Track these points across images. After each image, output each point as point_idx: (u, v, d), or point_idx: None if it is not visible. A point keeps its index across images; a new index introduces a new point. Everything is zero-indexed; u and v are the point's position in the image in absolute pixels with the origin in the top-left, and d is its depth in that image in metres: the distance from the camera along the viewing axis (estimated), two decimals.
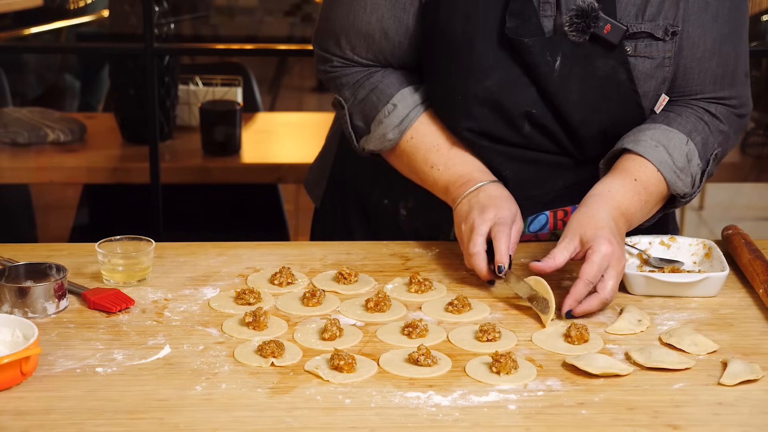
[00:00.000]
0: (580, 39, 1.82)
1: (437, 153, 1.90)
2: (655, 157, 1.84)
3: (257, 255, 1.95)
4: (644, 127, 1.88)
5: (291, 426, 1.42)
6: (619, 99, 1.87)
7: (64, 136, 3.53)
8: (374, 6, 1.89)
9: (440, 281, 1.85)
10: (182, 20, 3.98)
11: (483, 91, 1.85)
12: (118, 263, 1.81)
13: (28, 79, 4.35)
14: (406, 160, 1.93)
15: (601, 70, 1.85)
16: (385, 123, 1.91)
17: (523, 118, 1.88)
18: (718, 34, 1.90)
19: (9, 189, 3.77)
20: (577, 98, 1.86)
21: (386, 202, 2.06)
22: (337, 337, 1.64)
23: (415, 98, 1.92)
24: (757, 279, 1.82)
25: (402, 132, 1.91)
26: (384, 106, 1.91)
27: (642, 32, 1.84)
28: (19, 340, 1.55)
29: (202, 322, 1.70)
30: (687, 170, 1.87)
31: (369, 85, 1.93)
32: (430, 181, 1.92)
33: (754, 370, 1.55)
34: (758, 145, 3.60)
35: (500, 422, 1.43)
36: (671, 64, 1.87)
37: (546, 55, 1.83)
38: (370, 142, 1.94)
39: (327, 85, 2.01)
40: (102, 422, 1.42)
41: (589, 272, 1.70)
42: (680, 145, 1.86)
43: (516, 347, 1.64)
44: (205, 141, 3.51)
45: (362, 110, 1.94)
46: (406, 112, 1.91)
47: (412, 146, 1.92)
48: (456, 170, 1.89)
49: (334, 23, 1.93)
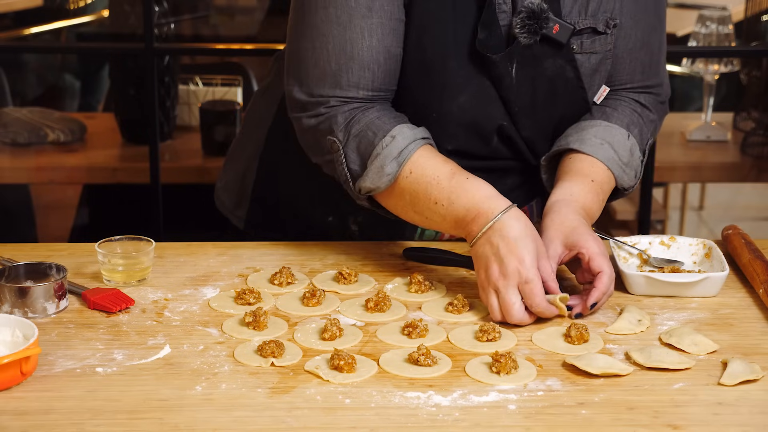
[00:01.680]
0: (531, 40, 1.82)
1: (438, 187, 1.76)
2: (603, 156, 1.88)
3: (257, 255, 1.95)
4: (585, 125, 1.91)
5: (291, 426, 1.42)
6: (567, 97, 1.90)
7: (64, 136, 3.53)
8: (371, 28, 1.79)
9: (440, 281, 1.85)
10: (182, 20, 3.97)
11: (457, 108, 1.85)
12: (118, 263, 1.81)
13: (28, 79, 4.35)
14: (408, 198, 1.79)
15: (549, 71, 1.86)
16: (382, 155, 1.77)
17: (494, 132, 1.89)
18: (647, 25, 1.94)
19: (9, 189, 3.77)
20: (529, 100, 1.87)
21: (331, 219, 2.01)
22: (337, 337, 1.64)
23: (415, 132, 1.80)
24: (757, 279, 1.82)
25: (400, 164, 1.77)
26: (381, 138, 1.78)
27: (586, 28, 1.86)
28: (19, 340, 1.55)
29: (202, 322, 1.70)
30: (631, 164, 1.91)
31: (364, 120, 1.80)
32: (437, 220, 1.79)
33: (754, 370, 1.55)
34: (758, 145, 3.60)
35: (500, 422, 1.43)
36: (611, 56, 1.91)
37: (507, 65, 1.84)
38: (367, 180, 1.79)
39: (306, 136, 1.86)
40: (102, 422, 1.42)
41: (604, 281, 1.71)
42: (623, 140, 1.90)
43: (516, 347, 1.64)
44: (205, 141, 3.51)
45: (357, 147, 1.80)
46: (405, 144, 1.77)
47: (412, 182, 1.78)
48: (461, 203, 1.75)
49: (328, 63, 1.80)
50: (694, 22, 3.74)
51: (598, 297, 1.71)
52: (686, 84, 4.39)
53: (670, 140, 3.69)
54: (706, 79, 3.70)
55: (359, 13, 1.78)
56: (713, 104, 3.71)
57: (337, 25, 1.79)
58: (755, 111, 3.72)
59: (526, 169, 1.96)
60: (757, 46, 3.90)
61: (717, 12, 3.68)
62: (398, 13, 1.81)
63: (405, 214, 1.83)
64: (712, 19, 3.66)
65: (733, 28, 3.71)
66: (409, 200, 1.80)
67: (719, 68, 3.68)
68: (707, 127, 3.68)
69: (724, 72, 3.71)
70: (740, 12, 4.11)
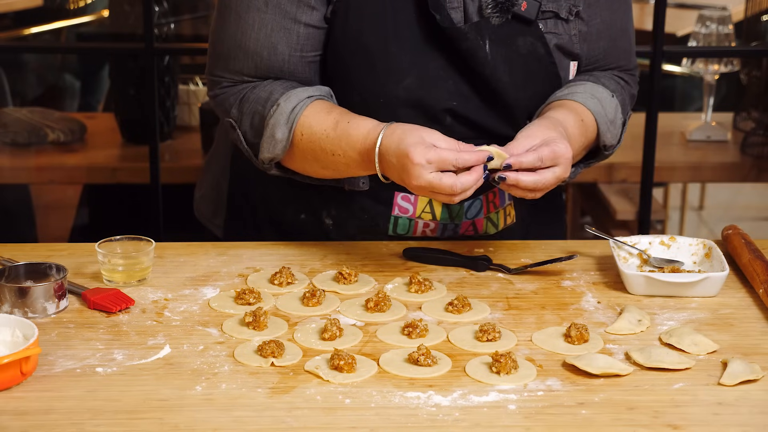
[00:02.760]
0: (503, 19, 1.86)
1: (328, 140, 1.82)
2: (592, 107, 1.92)
3: (257, 255, 1.95)
4: (575, 82, 1.97)
5: (291, 426, 1.42)
6: (542, 73, 1.93)
7: (64, 136, 3.53)
8: (262, 22, 1.86)
9: (440, 281, 1.85)
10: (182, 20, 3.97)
11: (403, 90, 1.87)
12: (118, 263, 1.81)
13: (28, 79, 4.35)
14: (311, 157, 1.86)
15: (522, 48, 1.90)
16: (271, 123, 1.84)
17: (444, 113, 1.90)
18: (623, 14, 2.02)
19: (9, 189, 3.77)
20: (508, 79, 1.90)
21: (304, 217, 2.02)
22: (337, 337, 1.64)
23: (300, 95, 1.85)
24: (757, 279, 1.82)
25: (290, 129, 1.84)
26: (270, 108, 1.85)
27: (548, 11, 1.91)
28: (19, 340, 1.55)
29: (202, 322, 1.70)
30: (615, 122, 1.96)
31: (253, 96, 1.88)
32: (345, 169, 1.85)
33: (754, 370, 1.55)
34: (758, 145, 3.60)
35: (500, 422, 1.43)
36: (579, 41, 1.95)
37: (478, 40, 1.86)
38: (264, 150, 1.87)
39: (217, 111, 1.96)
40: (102, 422, 1.42)
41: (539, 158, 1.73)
42: (608, 98, 1.96)
43: (516, 347, 1.64)
44: (205, 141, 3.51)
45: (251, 122, 1.88)
46: (291, 107, 1.84)
47: (306, 142, 1.84)
48: (354, 148, 1.80)
49: (222, 46, 1.91)
50: (694, 22, 3.74)
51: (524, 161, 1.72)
52: (686, 84, 4.39)
53: (670, 140, 3.69)
54: (706, 79, 3.70)
55: (255, 6, 1.87)
56: (713, 104, 3.71)
57: (234, 13, 1.90)
58: (755, 111, 3.72)
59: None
60: (757, 46, 3.90)
61: (717, 12, 3.68)
62: (297, 14, 1.86)
63: (315, 172, 1.90)
64: (712, 19, 3.66)
65: (733, 28, 3.71)
66: (312, 158, 1.86)
67: (719, 68, 3.68)
68: (707, 127, 3.68)
69: (724, 72, 3.71)
70: (740, 12, 4.11)
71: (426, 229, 2.00)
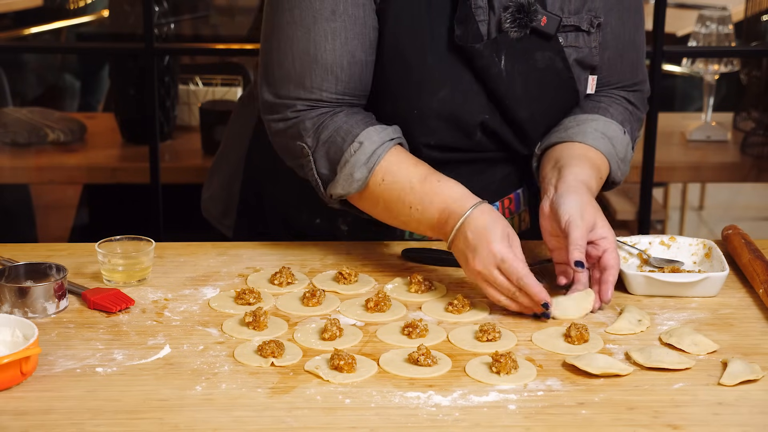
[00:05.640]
0: (521, 34, 1.84)
1: (411, 192, 1.78)
2: (604, 149, 1.91)
3: (257, 255, 1.95)
4: (584, 119, 1.93)
5: (291, 426, 1.42)
6: (559, 87, 1.92)
7: (64, 136, 3.53)
8: (334, 31, 1.79)
9: (440, 281, 1.85)
10: (182, 20, 3.97)
11: (438, 102, 1.85)
12: (118, 263, 1.81)
13: (28, 79, 4.35)
14: (383, 204, 1.82)
15: (540, 62, 1.88)
16: (351, 162, 1.79)
17: (476, 127, 1.89)
18: (633, 24, 1.98)
19: (9, 189, 3.77)
20: (523, 93, 1.89)
21: (319, 222, 2.01)
22: (337, 337, 1.64)
23: (382, 135, 1.80)
24: (757, 279, 1.82)
25: (370, 170, 1.79)
26: (350, 144, 1.79)
27: (569, 25, 1.89)
28: (19, 340, 1.55)
29: (202, 322, 1.70)
30: (626, 159, 1.95)
31: (332, 126, 1.81)
32: (414, 224, 1.81)
33: (754, 370, 1.55)
34: (758, 145, 3.60)
35: (500, 422, 1.43)
36: (598, 53, 1.93)
37: (493, 56, 1.85)
38: (338, 186, 1.81)
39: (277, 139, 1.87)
40: (102, 422, 1.42)
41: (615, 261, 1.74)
42: (620, 136, 1.94)
43: (516, 347, 1.64)
44: (205, 141, 3.51)
45: (327, 153, 1.81)
46: (373, 149, 1.79)
47: (384, 189, 1.80)
48: (434, 207, 1.77)
49: (292, 64, 1.81)
50: (694, 22, 3.74)
51: (611, 290, 1.74)
52: (686, 84, 4.39)
53: (670, 140, 3.69)
54: (706, 79, 3.71)
55: (323, 16, 1.79)
56: (713, 104, 3.71)
57: (301, 27, 1.80)
58: (755, 111, 3.72)
59: (514, 158, 1.98)
60: (757, 46, 3.90)
61: (717, 12, 3.69)
62: (365, 18, 1.81)
63: (380, 216, 1.86)
64: (712, 19, 3.66)
65: (733, 28, 3.71)
66: (383, 206, 1.82)
67: (719, 68, 3.68)
68: (707, 127, 3.68)
69: (724, 72, 3.72)
70: (740, 12, 4.11)
71: None
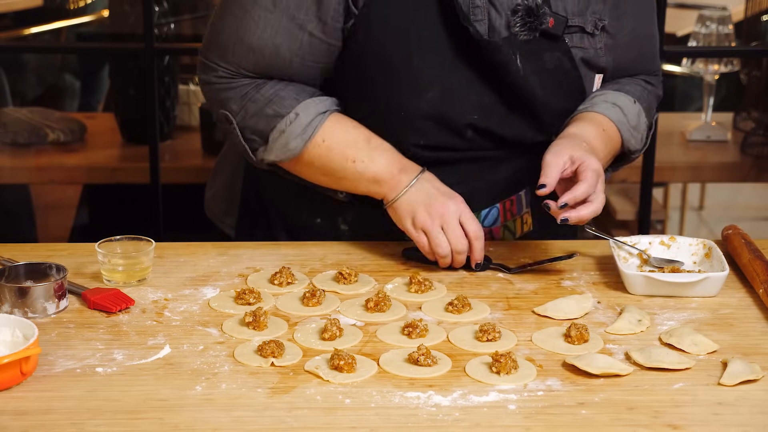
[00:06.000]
0: (531, 36, 1.87)
1: (356, 148, 1.88)
2: (613, 116, 1.95)
3: (257, 255, 1.95)
4: (596, 94, 1.99)
5: (291, 426, 1.42)
6: (568, 87, 1.95)
7: (64, 136, 3.53)
8: (267, 22, 1.85)
9: (440, 281, 1.85)
10: (182, 20, 3.97)
11: (425, 104, 1.87)
12: (118, 263, 1.81)
13: (28, 79, 4.35)
14: (319, 163, 1.89)
15: (549, 63, 1.91)
16: (287, 132, 1.87)
17: (467, 126, 1.91)
18: (648, 19, 2.03)
19: (9, 189, 3.77)
20: (541, 92, 1.91)
21: (319, 221, 2.03)
22: (337, 337, 1.64)
23: (318, 107, 1.88)
24: (757, 279, 1.82)
25: (306, 140, 1.87)
26: (284, 117, 1.87)
27: (574, 26, 1.91)
28: (19, 340, 1.55)
29: (202, 322, 1.70)
30: (638, 128, 2.00)
31: (262, 99, 1.89)
32: (351, 177, 1.89)
33: (754, 370, 1.55)
34: (758, 145, 3.60)
35: (500, 422, 1.43)
36: (605, 54, 1.96)
37: (510, 53, 1.87)
38: (271, 153, 1.90)
39: (208, 98, 1.96)
40: (102, 422, 1.42)
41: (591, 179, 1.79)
42: (630, 104, 1.99)
43: (516, 347, 1.64)
44: (205, 141, 3.51)
45: (256, 124, 1.89)
46: (309, 120, 1.87)
47: (325, 148, 1.88)
48: (383, 161, 1.88)
49: (221, 35, 1.89)
50: (694, 22, 3.74)
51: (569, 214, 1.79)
52: (686, 84, 4.39)
53: (670, 140, 3.69)
54: (706, 79, 3.70)
55: (263, 4, 1.86)
56: (713, 104, 3.71)
57: (240, 6, 1.87)
58: (755, 111, 3.72)
59: (518, 158, 1.98)
60: (757, 46, 3.89)
61: (717, 12, 3.68)
62: (307, 24, 1.85)
63: (311, 177, 1.94)
64: (712, 19, 3.66)
65: (733, 28, 3.71)
66: (319, 165, 1.90)
67: (719, 68, 3.68)
68: (707, 127, 3.68)
69: (724, 72, 3.71)
70: (740, 12, 4.11)
71: None
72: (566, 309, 1.74)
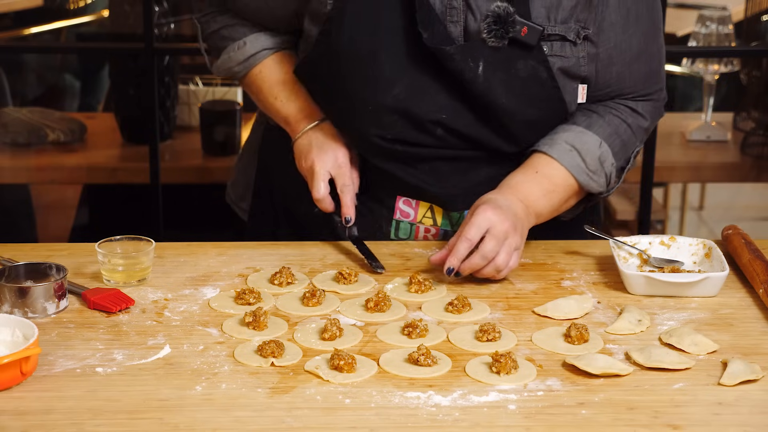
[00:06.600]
0: (500, 44, 1.85)
1: (282, 87, 2.03)
2: (567, 161, 1.92)
3: (257, 255, 1.95)
4: (560, 129, 1.95)
5: (291, 426, 1.42)
6: (544, 96, 1.92)
7: (64, 136, 3.52)
8: None
9: (440, 281, 1.85)
10: (182, 20, 3.97)
11: (392, 99, 1.89)
12: (118, 263, 1.81)
13: (28, 79, 4.35)
14: (255, 89, 2.07)
15: (522, 72, 1.88)
16: (231, 57, 2.05)
17: (434, 124, 1.91)
18: (643, 34, 1.95)
19: (9, 189, 3.77)
20: (505, 100, 1.89)
21: (317, 211, 2.04)
22: (337, 337, 1.64)
23: (267, 42, 2.04)
24: (757, 279, 1.82)
25: (248, 68, 2.05)
26: (234, 42, 2.05)
27: (555, 34, 1.88)
28: (19, 340, 1.55)
29: (202, 322, 1.70)
30: (600, 171, 1.94)
31: (223, 21, 2.05)
32: (273, 111, 2.06)
33: (754, 370, 1.55)
34: (758, 145, 3.60)
35: (500, 422, 1.43)
36: (586, 63, 1.92)
37: (468, 61, 1.86)
38: (220, 68, 2.09)
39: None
40: (102, 422, 1.42)
41: (468, 231, 1.78)
42: (593, 149, 1.93)
43: (516, 347, 1.64)
44: (205, 141, 3.51)
45: (212, 41, 2.08)
46: (254, 51, 2.04)
47: (259, 79, 2.05)
48: (297, 104, 2.02)
49: None
50: (694, 22, 3.74)
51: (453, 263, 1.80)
52: (686, 84, 4.39)
53: (670, 140, 3.69)
54: (706, 79, 3.70)
55: None
56: (713, 104, 3.71)
57: None
58: (755, 111, 3.72)
59: (498, 160, 1.97)
60: (757, 46, 3.90)
61: (717, 12, 3.68)
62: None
63: (253, 98, 2.12)
64: (712, 19, 3.66)
65: (733, 28, 3.71)
66: (256, 91, 2.08)
67: (719, 68, 3.68)
68: (707, 127, 3.68)
69: (724, 72, 3.71)
70: (740, 12, 4.11)
71: (428, 234, 2.00)
72: (566, 309, 1.74)
